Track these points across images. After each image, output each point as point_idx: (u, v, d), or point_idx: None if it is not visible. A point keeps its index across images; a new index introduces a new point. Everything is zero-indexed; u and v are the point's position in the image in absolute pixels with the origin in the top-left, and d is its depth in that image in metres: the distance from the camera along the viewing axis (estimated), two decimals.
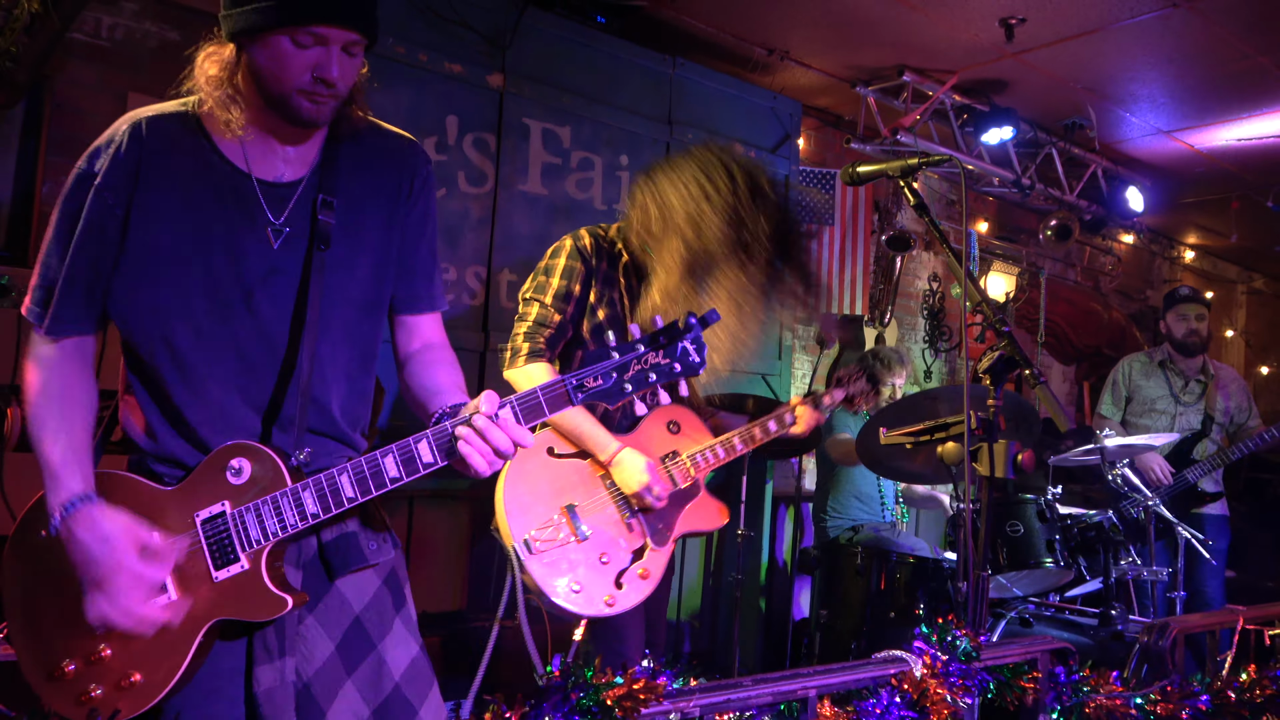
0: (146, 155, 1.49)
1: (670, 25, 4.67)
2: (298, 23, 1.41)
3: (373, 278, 1.64)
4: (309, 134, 1.57)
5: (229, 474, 1.47)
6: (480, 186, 3.92)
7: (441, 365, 1.71)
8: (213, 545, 1.45)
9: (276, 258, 1.54)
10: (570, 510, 2.31)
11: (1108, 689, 1.65)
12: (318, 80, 1.44)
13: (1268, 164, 6.14)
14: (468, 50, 3.87)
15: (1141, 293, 8.23)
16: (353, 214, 1.60)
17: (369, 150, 1.65)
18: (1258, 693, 1.98)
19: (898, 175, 2.17)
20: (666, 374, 1.36)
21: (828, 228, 5.39)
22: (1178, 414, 4.95)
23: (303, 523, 1.44)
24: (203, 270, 1.50)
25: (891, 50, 4.96)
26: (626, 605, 2.26)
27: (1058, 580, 3.85)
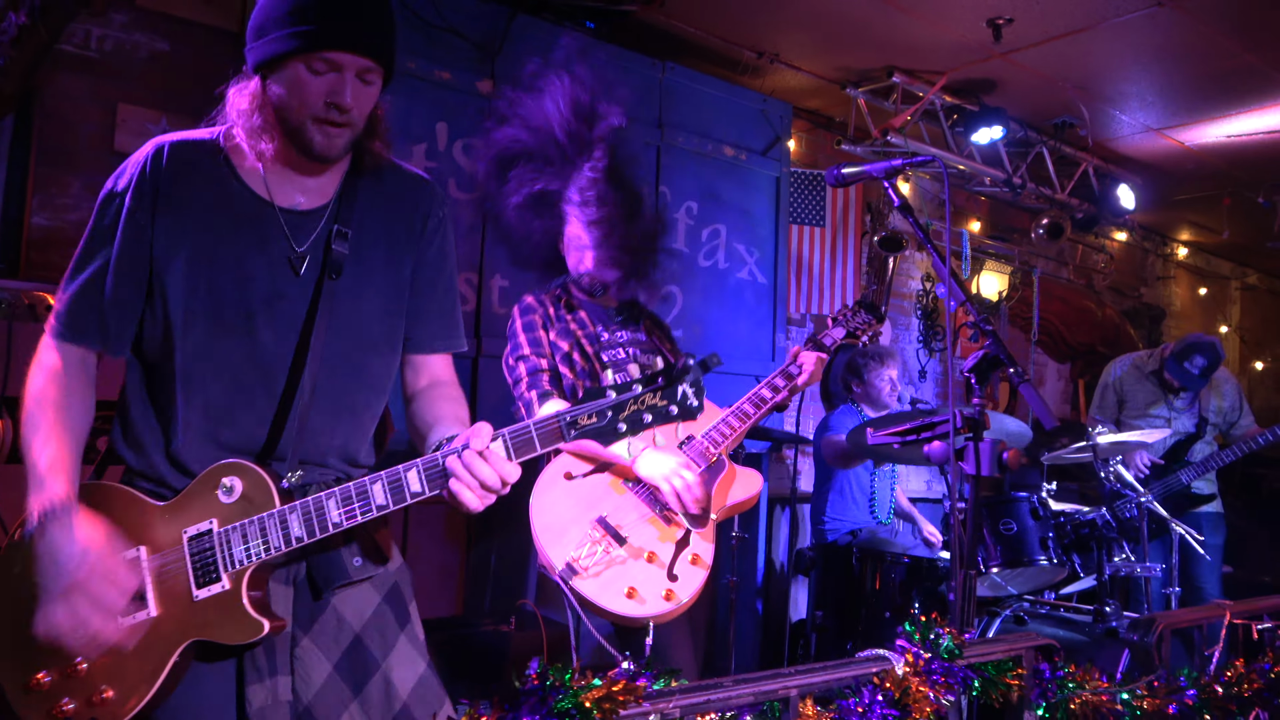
0: (166, 178, 1.54)
1: (660, 29, 4.69)
2: (312, 49, 1.45)
3: (381, 313, 1.66)
4: (327, 166, 1.60)
5: (220, 492, 1.47)
6: (470, 193, 3.92)
7: (446, 400, 1.71)
8: (196, 563, 1.45)
9: (291, 283, 1.56)
10: (603, 521, 2.31)
11: (1093, 685, 1.66)
12: (331, 106, 1.48)
13: (1258, 160, 6.16)
14: (457, 58, 3.88)
15: (1135, 290, 8.25)
16: (365, 248, 1.63)
17: (387, 188, 1.68)
18: (1245, 687, 1.99)
19: (881, 177, 2.18)
20: (663, 416, 1.35)
21: (818, 229, 5.40)
22: (1172, 418, 4.97)
23: (287, 546, 1.44)
24: (209, 291, 1.53)
25: (880, 52, 4.98)
26: (686, 596, 2.24)
27: (1052, 578, 3.85)
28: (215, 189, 1.56)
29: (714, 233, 4.80)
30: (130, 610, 1.43)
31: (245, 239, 1.55)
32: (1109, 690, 1.70)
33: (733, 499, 2.46)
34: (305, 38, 1.44)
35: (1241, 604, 2.07)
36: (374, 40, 1.49)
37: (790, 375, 2.67)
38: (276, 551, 1.44)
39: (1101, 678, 1.71)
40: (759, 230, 4.95)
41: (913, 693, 1.27)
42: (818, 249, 5.54)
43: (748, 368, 4.84)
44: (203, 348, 1.53)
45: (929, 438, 2.02)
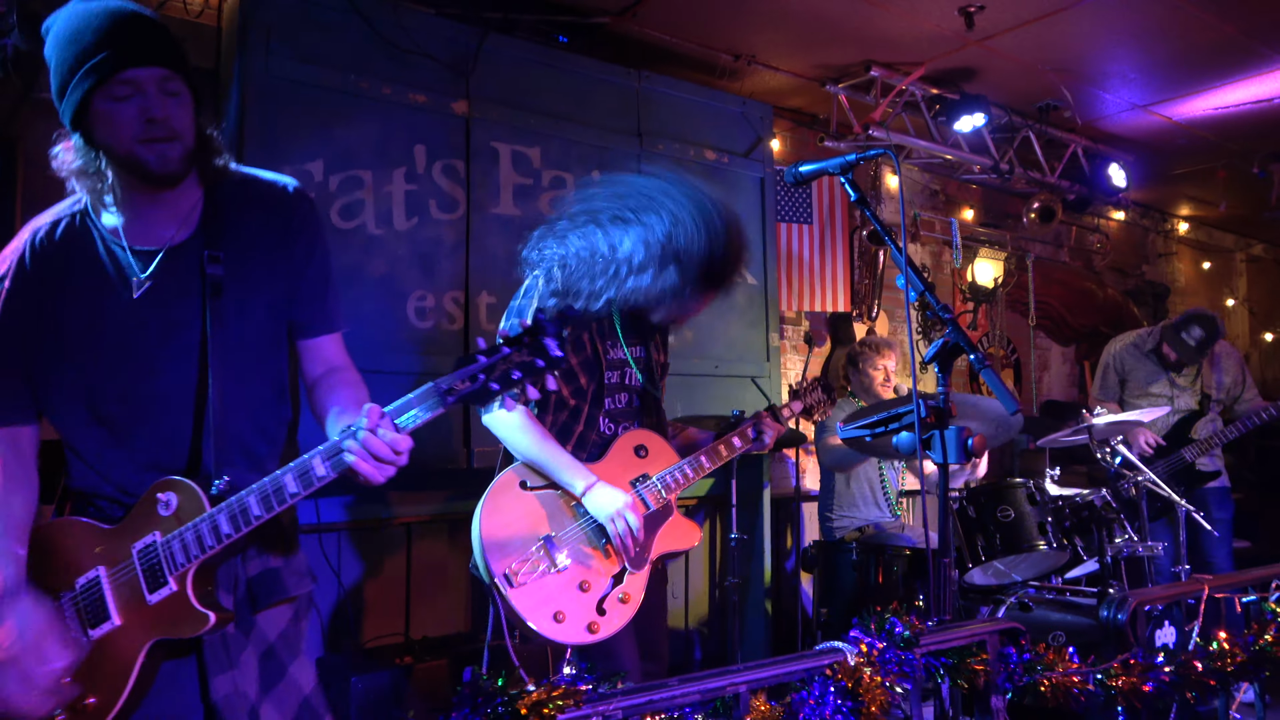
0: (44, 260, 1.68)
1: (634, 39, 4.72)
2: (106, 78, 1.54)
3: (269, 317, 1.81)
4: (176, 191, 1.69)
5: (159, 507, 1.62)
6: (452, 212, 3.97)
7: (344, 386, 1.82)
8: (146, 571, 1.61)
9: (169, 315, 1.69)
10: (547, 542, 2.34)
11: (1063, 666, 1.66)
12: (148, 123, 1.56)
13: (1249, 131, 6.12)
14: (431, 79, 3.92)
15: (1137, 268, 8.19)
16: (241, 263, 1.75)
17: (246, 200, 1.80)
18: (1228, 661, 1.98)
19: (837, 172, 2.19)
20: (530, 370, 1.43)
21: (806, 226, 5.41)
22: (1174, 396, 4.94)
23: (219, 543, 1.57)
24: (114, 344, 1.66)
25: (857, 47, 4.99)
26: (610, 630, 2.30)
27: (1055, 562, 3.84)
28: (85, 254, 1.68)
29: None
30: (98, 623, 1.60)
31: (123, 289, 1.67)
32: (1081, 671, 1.70)
33: (669, 547, 2.51)
34: (96, 71, 1.54)
35: (1222, 578, 2.05)
36: (158, 50, 1.58)
37: (748, 439, 2.76)
38: (211, 549, 1.58)
39: (1073, 658, 1.70)
40: (746, 231, 4.94)
41: (865, 683, 1.28)
42: (808, 246, 5.55)
43: (742, 369, 4.85)
44: (116, 394, 1.68)
45: (896, 429, 2.02)
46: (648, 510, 2.46)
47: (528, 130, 4.18)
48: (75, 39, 1.56)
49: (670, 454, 2.59)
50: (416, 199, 3.88)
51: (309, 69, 3.59)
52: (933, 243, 6.51)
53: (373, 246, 3.74)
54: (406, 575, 4.19)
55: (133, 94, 1.56)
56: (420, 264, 3.88)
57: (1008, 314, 6.98)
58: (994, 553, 3.61)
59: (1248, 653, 2.00)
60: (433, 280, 3.91)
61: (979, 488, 3.74)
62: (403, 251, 3.83)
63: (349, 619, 3.89)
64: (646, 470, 2.52)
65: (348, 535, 4.04)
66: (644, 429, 2.60)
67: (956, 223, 6.07)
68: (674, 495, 2.54)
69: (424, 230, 3.89)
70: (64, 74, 1.57)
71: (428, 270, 3.90)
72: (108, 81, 1.54)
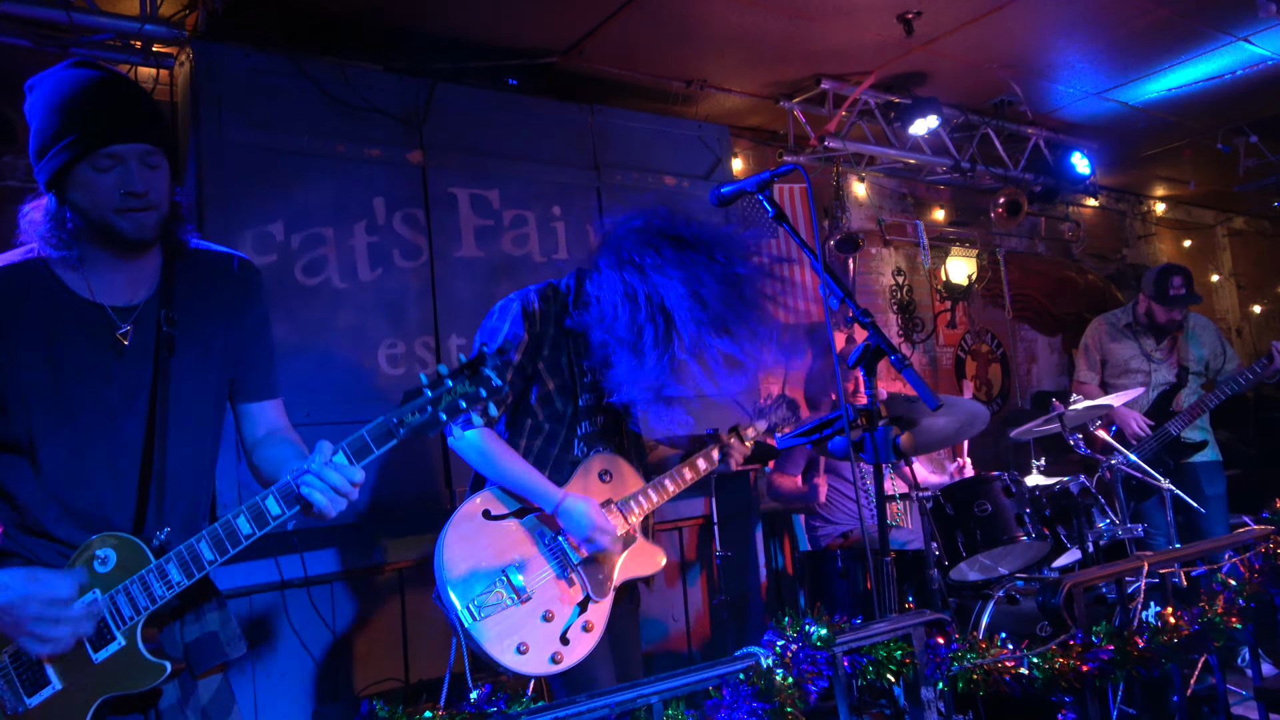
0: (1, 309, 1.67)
1: (585, 75, 4.82)
2: (90, 150, 1.59)
3: (217, 381, 1.87)
4: (143, 256, 1.74)
5: (96, 564, 1.60)
6: (415, 260, 4.05)
7: (288, 444, 1.89)
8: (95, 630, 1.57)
9: (130, 373, 1.72)
10: (509, 572, 2.34)
11: (995, 652, 1.69)
12: (127, 195, 1.61)
13: (1207, 108, 6.17)
14: (385, 133, 4.03)
15: (1117, 252, 8.22)
16: (194, 326, 1.81)
17: (202, 268, 1.86)
18: (1174, 635, 2.01)
19: (754, 191, 2.26)
20: (474, 399, 1.54)
21: (774, 240, 5.47)
22: (1152, 370, 4.96)
23: (170, 590, 1.58)
24: (67, 398, 1.67)
25: (805, 62, 5.08)
26: (574, 659, 2.31)
27: (1039, 553, 3.85)
28: (48, 302, 1.69)
29: None
30: (35, 689, 1.57)
31: (82, 342, 1.69)
32: (1015, 656, 1.73)
33: (634, 573, 2.52)
34: (82, 142, 1.59)
35: (1160, 554, 2.08)
36: (142, 125, 1.63)
37: (713, 461, 2.76)
38: (161, 599, 1.58)
39: (1005, 644, 1.74)
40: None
41: (778, 685, 1.31)
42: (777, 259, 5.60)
43: None
44: (70, 446, 1.67)
45: (830, 434, 2.07)
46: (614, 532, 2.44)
47: (484, 173, 4.28)
48: (60, 107, 1.60)
49: (634, 478, 2.60)
50: (379, 250, 3.97)
51: (262, 134, 3.69)
52: (906, 245, 6.57)
53: (339, 300, 3.82)
54: (402, 620, 4.22)
55: (114, 165, 1.61)
56: (388, 313, 3.96)
57: (988, 309, 7.02)
58: (974, 548, 3.62)
59: (1194, 626, 2.02)
60: (402, 328, 3.98)
61: (954, 485, 3.76)
62: (370, 302, 3.91)
63: (343, 670, 3.92)
64: (610, 495, 2.52)
65: (341, 585, 4.09)
66: (610, 453, 2.59)
67: (922, 224, 6.13)
68: (637, 520, 2.55)
69: (389, 280, 3.98)
70: (45, 139, 1.61)
71: (396, 318, 3.98)
72: (94, 154, 1.59)
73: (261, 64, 3.73)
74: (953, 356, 6.79)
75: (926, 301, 6.69)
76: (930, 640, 1.60)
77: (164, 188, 1.69)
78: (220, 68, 3.61)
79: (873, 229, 6.38)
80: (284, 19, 3.86)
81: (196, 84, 3.56)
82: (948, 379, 6.72)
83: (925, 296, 6.68)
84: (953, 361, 6.79)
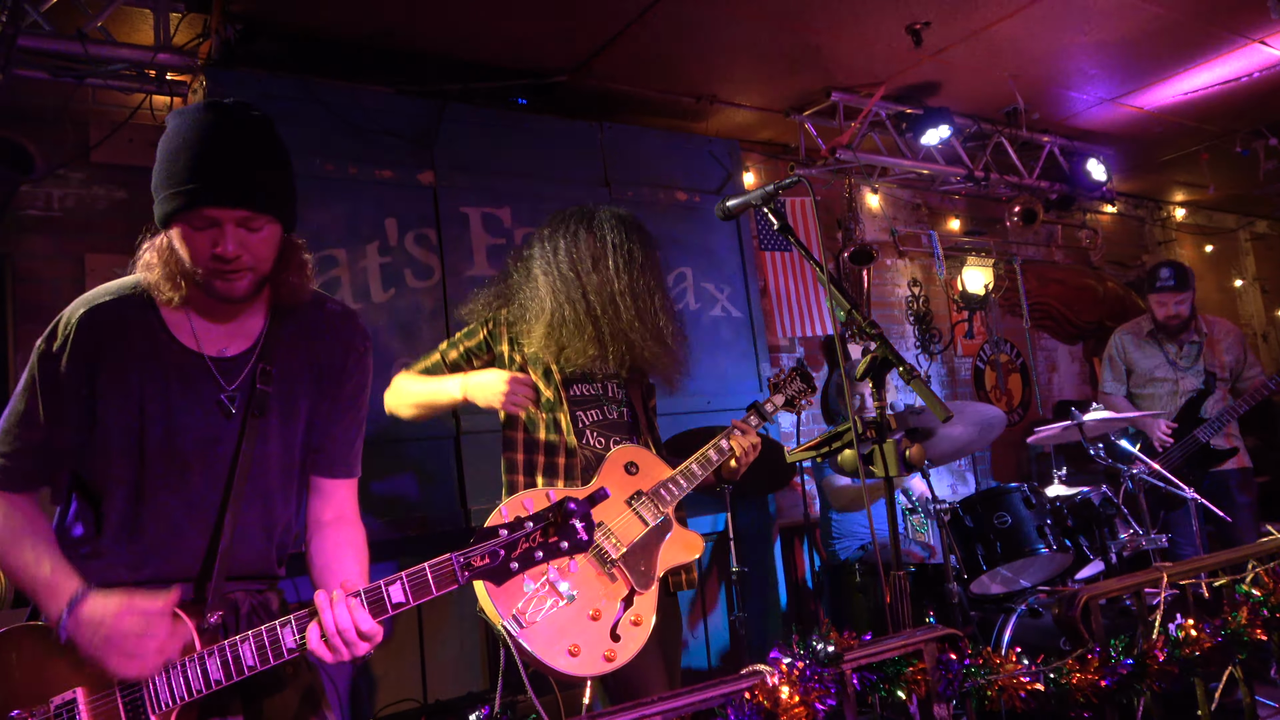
0: (100, 339, 1.62)
1: (594, 92, 4.84)
2: (190, 208, 1.54)
3: (301, 445, 1.76)
4: (245, 308, 1.69)
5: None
6: (428, 280, 4.08)
7: (350, 548, 1.79)
8: (128, 704, 1.51)
9: (222, 427, 1.65)
10: (551, 576, 2.29)
11: (1011, 668, 1.66)
12: (216, 259, 1.56)
13: (1225, 111, 6.10)
14: (395, 155, 4.06)
15: (1137, 259, 8.13)
16: (288, 384, 1.72)
17: (309, 323, 1.77)
18: (1196, 648, 1.96)
19: (759, 204, 2.26)
20: (554, 551, 1.41)
21: (786, 254, 5.46)
22: (1179, 379, 4.90)
23: (207, 689, 1.49)
24: (145, 442, 1.62)
25: (815, 75, 5.07)
26: (627, 656, 2.27)
27: (1061, 565, 3.79)
28: (146, 343, 1.64)
29: (680, 276, 4.88)
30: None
31: (177, 389, 1.64)
32: (1031, 671, 1.69)
33: (674, 561, 2.49)
34: (181, 198, 1.53)
35: (1181, 565, 2.03)
36: (246, 191, 1.55)
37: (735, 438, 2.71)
38: (199, 693, 1.49)
39: (1020, 659, 1.70)
40: (725, 267, 5.02)
41: (783, 703, 1.29)
42: (794, 273, 5.60)
43: (737, 402, 4.87)
44: (139, 494, 1.61)
45: (839, 448, 2.05)
46: (647, 526, 2.45)
47: (495, 192, 4.30)
48: (174, 154, 1.55)
49: (662, 467, 2.58)
50: (391, 270, 3.99)
51: None
52: (921, 256, 6.53)
53: None
54: (419, 640, 4.21)
55: (208, 226, 1.55)
56: (401, 333, 3.98)
57: (1006, 319, 6.96)
58: (994, 561, 3.57)
59: (1217, 638, 1.98)
60: (415, 347, 3.99)
61: (973, 496, 3.71)
62: (383, 322, 3.93)
63: (360, 691, 3.92)
64: (640, 486, 2.51)
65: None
66: (634, 445, 2.60)
67: (936, 235, 6.10)
68: (670, 508, 2.52)
69: (402, 299, 4.00)
70: (157, 181, 1.58)
71: (409, 338, 3.99)
72: (189, 213, 1.54)
73: (273, 89, 3.78)
74: (971, 367, 6.73)
75: (943, 312, 6.64)
76: (943, 656, 1.57)
77: (264, 250, 1.62)
78: (233, 94, 3.64)
79: (887, 240, 6.35)
80: (295, 45, 3.91)
81: None
82: (966, 390, 6.65)
83: (942, 307, 6.63)
84: (971, 372, 6.73)
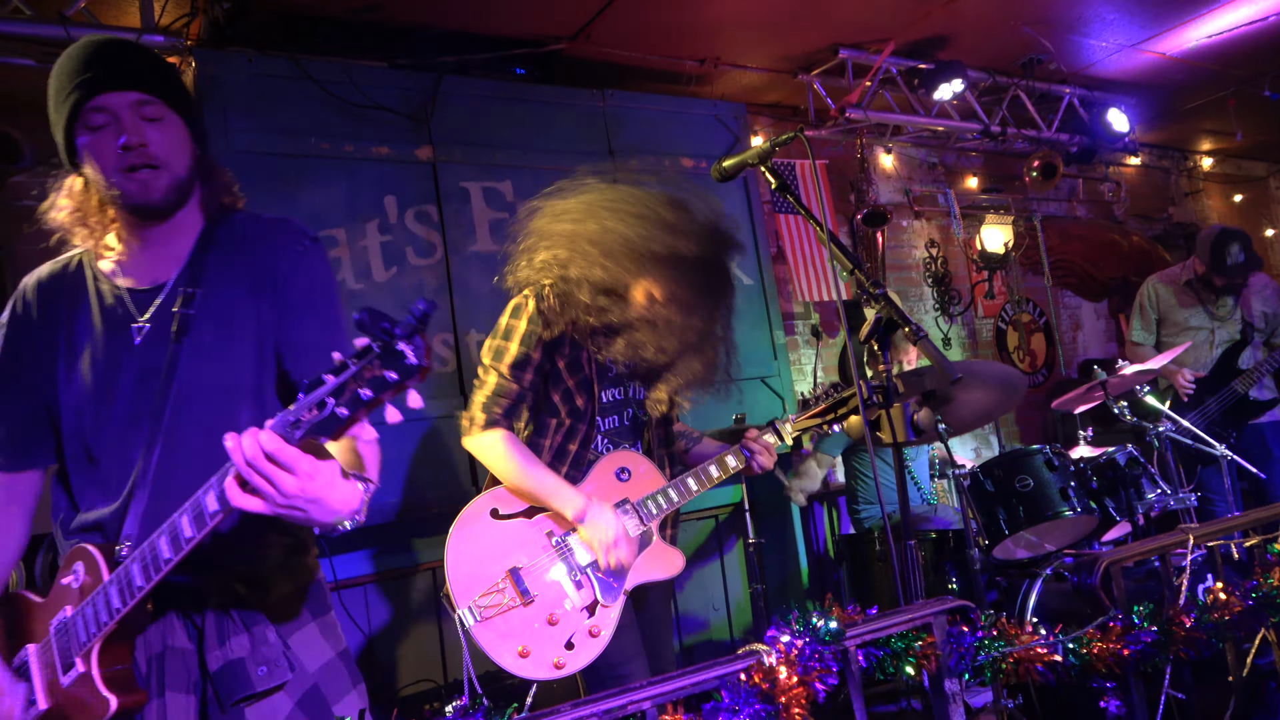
0: (37, 307, 1.60)
1: (593, 60, 4.73)
2: (79, 107, 1.46)
3: (252, 363, 1.63)
4: (170, 231, 1.60)
5: (70, 579, 1.48)
6: (429, 257, 4.01)
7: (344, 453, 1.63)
8: (61, 651, 1.46)
9: (143, 357, 1.56)
10: (515, 573, 2.25)
11: (1027, 639, 1.58)
12: (124, 151, 1.47)
13: (1251, 54, 5.87)
14: (392, 131, 3.98)
15: (1163, 212, 7.91)
16: (222, 302, 1.61)
17: (241, 238, 1.66)
18: (1225, 612, 1.87)
19: (756, 162, 2.16)
20: (380, 385, 1.15)
21: (796, 217, 5.34)
22: (1214, 328, 4.74)
23: (111, 618, 1.40)
24: (90, 384, 1.57)
25: (821, 32, 4.93)
26: (577, 666, 2.20)
27: (1086, 528, 3.68)
28: (78, 299, 1.60)
29: None
30: (28, 710, 1.48)
31: (108, 329, 1.57)
32: (1048, 642, 1.61)
33: (647, 576, 2.37)
34: (70, 100, 1.47)
35: (1207, 525, 1.94)
36: (129, 72, 1.49)
37: (743, 458, 2.52)
38: (106, 625, 1.40)
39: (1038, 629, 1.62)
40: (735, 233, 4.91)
41: (781, 684, 1.22)
42: (809, 236, 5.47)
43: (750, 371, 4.79)
44: (97, 446, 1.57)
45: (845, 413, 1.96)
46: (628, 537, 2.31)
47: (495, 166, 4.21)
48: (56, 76, 1.51)
49: (656, 477, 2.46)
50: (393, 249, 3.93)
51: (269, 139, 3.67)
52: (938, 216, 6.37)
53: (354, 301, 3.79)
54: (438, 620, 4.20)
55: (109, 122, 1.47)
56: (405, 311, 3.92)
57: (1028, 278, 6.79)
58: (1017, 526, 3.47)
59: (1248, 601, 1.89)
60: None
61: (993, 460, 3.61)
62: (385, 302, 3.87)
63: (380, 671, 3.91)
64: (627, 495, 2.39)
65: (375, 588, 4.07)
66: (630, 451, 2.48)
67: (953, 193, 5.94)
68: (655, 523, 2.41)
69: (404, 278, 3.94)
70: (51, 112, 1.52)
71: None
72: (82, 110, 1.46)
73: (264, 68, 3.70)
74: (993, 328, 6.58)
75: (962, 273, 6.49)
76: (953, 629, 1.49)
77: (171, 143, 1.52)
78: (223, 74, 3.59)
79: (901, 201, 6.20)
80: (285, 22, 3.84)
81: (200, 92, 3.54)
82: (989, 353, 6.52)
83: (960, 268, 6.48)
84: (993, 333, 6.58)
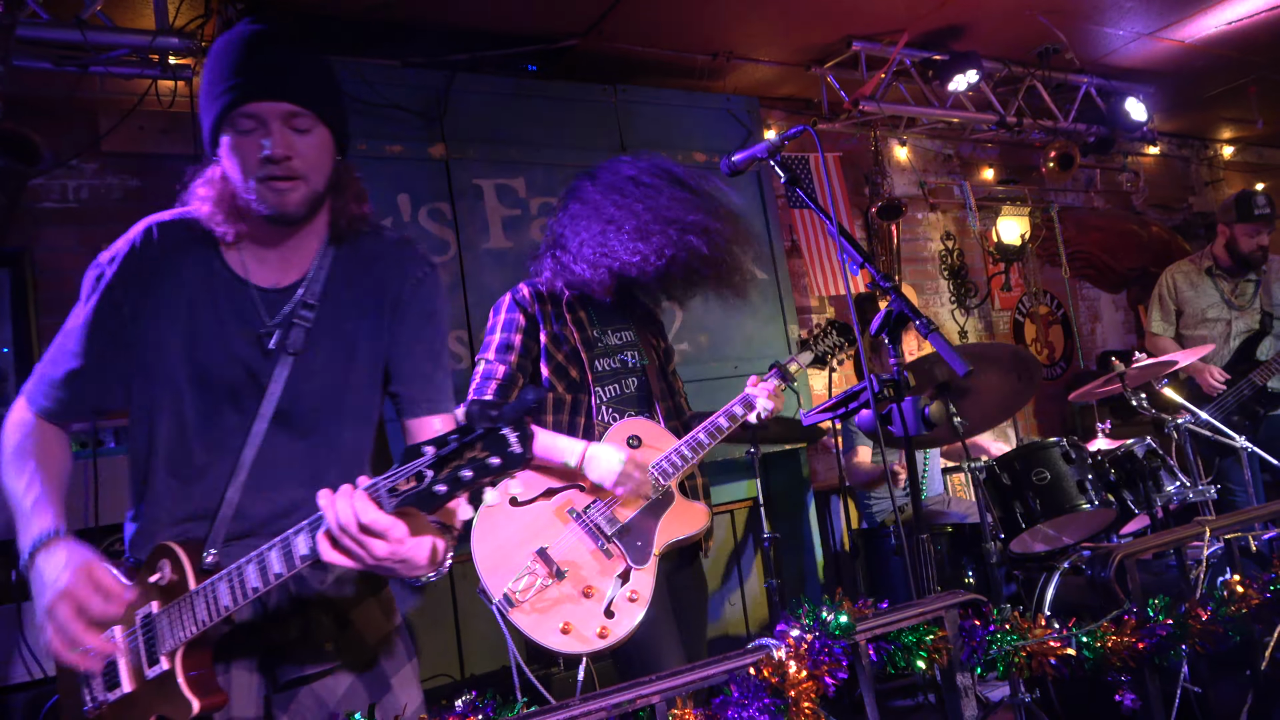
0: (156, 257, 1.56)
1: (607, 56, 4.73)
2: (232, 110, 1.45)
3: (352, 384, 1.64)
4: (299, 237, 1.59)
5: (155, 575, 1.48)
6: (443, 255, 4.02)
7: None
8: (147, 644, 1.48)
9: (257, 363, 1.57)
10: (542, 553, 2.29)
11: (1040, 632, 1.57)
12: (265, 161, 1.46)
13: (1270, 40, 5.79)
14: (404, 129, 4.00)
15: (1182, 201, 7.82)
16: (338, 319, 1.61)
17: (365, 255, 1.66)
18: (1243, 605, 1.85)
19: (767, 156, 2.16)
20: (483, 469, 1.19)
21: (807, 211, 5.32)
22: (1233, 319, 4.69)
23: (198, 628, 1.42)
24: (194, 371, 1.56)
25: (834, 25, 4.91)
26: (622, 633, 2.23)
27: (1104, 521, 3.66)
28: (201, 268, 1.58)
29: None
30: (112, 687, 1.49)
31: (226, 319, 1.57)
32: (1062, 635, 1.61)
33: (675, 534, 2.40)
34: (221, 100, 1.46)
35: (1227, 517, 1.92)
36: (288, 84, 1.47)
37: (749, 403, 2.59)
38: (204, 624, 1.42)
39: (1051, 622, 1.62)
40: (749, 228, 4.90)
41: (790, 678, 1.22)
42: (823, 230, 5.45)
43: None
44: (181, 429, 1.56)
45: (855, 408, 1.96)
46: (646, 500, 2.39)
47: (508, 162, 4.22)
48: (213, 66, 1.49)
49: (667, 439, 2.50)
50: None
51: None
52: (953, 208, 6.33)
53: None
54: (454, 615, 4.22)
55: (255, 128, 1.46)
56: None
57: (1045, 270, 6.74)
58: (1034, 519, 3.45)
59: (1266, 594, 1.87)
60: None
61: (1010, 454, 3.58)
62: None
63: None
64: (640, 460, 2.43)
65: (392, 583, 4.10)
66: (639, 418, 2.52)
67: (968, 185, 5.90)
68: (674, 481, 2.45)
69: None
70: (202, 101, 1.51)
71: None
72: (231, 114, 1.46)
73: None
74: (1010, 321, 6.54)
75: (979, 265, 6.45)
76: (965, 623, 1.48)
77: (313, 156, 1.50)
78: None
79: (916, 194, 6.16)
80: (298, 22, 3.86)
81: None
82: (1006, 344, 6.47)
83: (977, 260, 6.44)
84: (1010, 326, 6.54)
